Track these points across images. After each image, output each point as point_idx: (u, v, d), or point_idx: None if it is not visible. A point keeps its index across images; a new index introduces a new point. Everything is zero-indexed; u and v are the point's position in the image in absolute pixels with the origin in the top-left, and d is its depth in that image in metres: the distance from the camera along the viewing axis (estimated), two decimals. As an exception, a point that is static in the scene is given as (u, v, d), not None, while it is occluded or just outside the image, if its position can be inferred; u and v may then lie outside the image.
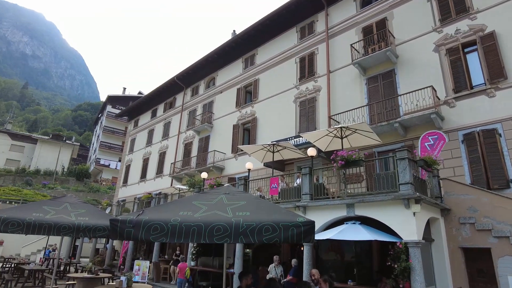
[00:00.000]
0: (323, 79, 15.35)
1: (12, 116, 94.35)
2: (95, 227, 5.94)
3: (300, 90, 16.16)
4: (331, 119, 13.95)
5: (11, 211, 6.25)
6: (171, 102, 26.71)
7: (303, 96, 15.91)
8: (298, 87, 16.35)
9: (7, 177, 45.68)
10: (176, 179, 21.74)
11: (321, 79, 15.49)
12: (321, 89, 15.27)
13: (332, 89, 14.79)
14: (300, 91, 16.15)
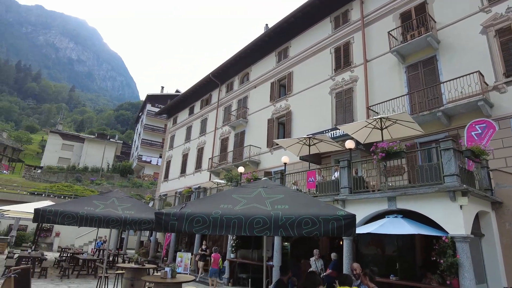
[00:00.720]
0: (359, 69, 14.89)
1: (62, 118, 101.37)
2: (140, 220, 6.27)
3: (336, 81, 15.81)
4: (369, 110, 13.52)
5: (65, 205, 6.77)
6: (207, 99, 27.28)
7: (339, 87, 15.55)
8: (334, 78, 16.00)
9: (60, 174, 49.33)
10: (214, 173, 22.25)
11: (357, 69, 15.04)
12: (358, 79, 14.83)
13: (370, 79, 14.31)
14: (336, 82, 15.80)
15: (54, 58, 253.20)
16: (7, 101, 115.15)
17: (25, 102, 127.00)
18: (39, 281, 10.94)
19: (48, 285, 10.60)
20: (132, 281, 8.42)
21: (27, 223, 24.16)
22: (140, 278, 8.25)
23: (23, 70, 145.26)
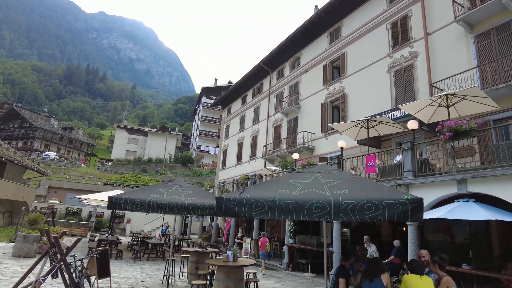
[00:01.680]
0: (420, 43, 13.75)
1: (127, 114, 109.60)
2: (202, 206, 6.58)
3: (394, 59, 14.81)
4: (433, 87, 12.48)
5: (134, 193, 7.35)
6: (258, 87, 27.41)
7: (398, 64, 14.55)
8: (392, 56, 15.00)
9: (128, 165, 53.68)
10: (269, 161, 22.46)
11: (417, 43, 13.89)
12: (419, 55, 13.72)
13: (432, 54, 13.15)
14: (394, 59, 14.80)
15: (116, 58, 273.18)
16: (80, 102, 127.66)
17: (94, 102, 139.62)
18: (116, 262, 12.13)
19: (123, 265, 11.71)
20: (196, 264, 8.94)
21: (103, 210, 26.82)
22: (203, 261, 8.72)
23: (92, 73, 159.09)
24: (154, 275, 10.13)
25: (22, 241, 11.46)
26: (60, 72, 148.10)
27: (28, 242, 11.51)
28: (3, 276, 8.28)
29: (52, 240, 5.78)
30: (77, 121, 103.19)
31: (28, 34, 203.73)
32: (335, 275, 4.81)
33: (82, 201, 19.06)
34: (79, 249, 13.89)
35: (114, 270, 9.75)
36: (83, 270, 6.04)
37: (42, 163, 41.85)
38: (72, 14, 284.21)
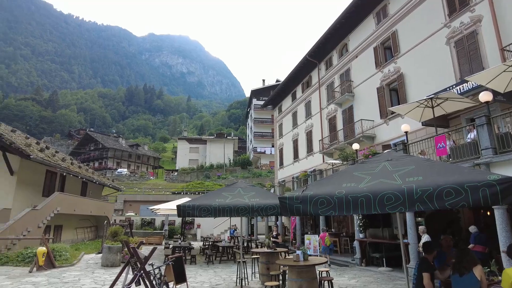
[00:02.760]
0: (482, 5, 12.27)
1: (185, 125, 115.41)
2: (266, 206, 6.56)
3: (453, 28, 13.43)
4: (505, 51, 11.05)
5: (200, 200, 7.60)
6: (307, 81, 26.90)
7: (458, 33, 13.16)
8: (449, 25, 13.63)
9: (192, 173, 56.34)
10: (327, 155, 21.87)
11: (479, 6, 12.42)
12: (482, 18, 12.26)
13: (499, 14, 11.65)
14: (453, 28, 13.42)
15: (169, 74, 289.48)
16: (143, 120, 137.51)
17: (155, 118, 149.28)
18: (190, 267, 12.72)
19: (198, 269, 12.22)
20: (267, 265, 8.96)
21: (174, 218, 28.44)
22: (274, 261, 8.71)
23: (149, 91, 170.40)
24: (227, 278, 10.39)
25: (108, 252, 12.57)
26: (121, 95, 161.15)
27: (113, 252, 12.59)
28: (96, 284, 9.14)
29: (131, 250, 6.19)
30: (142, 137, 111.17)
31: (92, 65, 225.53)
32: (417, 269, 4.42)
33: (154, 211, 20.41)
34: (156, 256, 14.83)
35: (190, 275, 10.20)
36: (161, 277, 6.39)
37: (116, 180, 45.77)
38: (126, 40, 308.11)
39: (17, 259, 12.30)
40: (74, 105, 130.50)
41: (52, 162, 17.01)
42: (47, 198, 16.54)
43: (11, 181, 15.20)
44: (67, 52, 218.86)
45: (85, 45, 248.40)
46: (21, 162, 15.29)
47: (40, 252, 11.32)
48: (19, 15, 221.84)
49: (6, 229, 13.00)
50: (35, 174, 17.02)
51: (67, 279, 9.86)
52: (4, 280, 9.55)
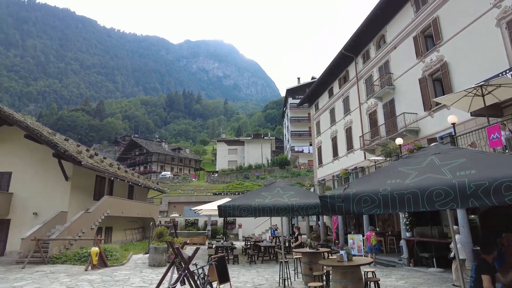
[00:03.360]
0: (539, -20, 11.17)
1: (223, 128, 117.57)
2: (307, 206, 6.45)
3: (504, 7, 12.35)
4: None
5: (240, 200, 7.65)
6: (344, 76, 26.19)
7: (510, 13, 12.09)
8: (499, 5, 12.55)
9: (231, 174, 57.20)
10: (368, 151, 21.13)
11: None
12: (540, -6, 11.16)
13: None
14: (504, 8, 12.34)
15: (206, 79, 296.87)
16: (183, 124, 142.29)
17: (195, 122, 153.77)
18: (233, 267, 12.87)
19: (240, 269, 12.33)
20: (310, 265, 8.81)
21: (216, 219, 29.00)
22: (317, 262, 8.54)
23: (188, 96, 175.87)
24: (270, 278, 10.38)
25: (154, 252, 13.10)
26: (162, 101, 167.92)
27: (159, 253, 13.10)
28: (144, 283, 9.55)
29: (176, 251, 6.38)
30: (183, 141, 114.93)
31: (133, 74, 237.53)
32: (475, 271, 4.08)
33: (197, 212, 20.96)
34: (200, 256, 15.20)
35: (233, 274, 10.32)
36: (205, 277, 6.51)
37: (160, 182, 47.64)
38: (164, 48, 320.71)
39: (74, 258, 13.22)
40: (119, 113, 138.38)
41: (101, 167, 18.09)
42: (97, 202, 17.61)
43: (66, 186, 16.37)
44: (110, 63, 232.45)
45: (127, 56, 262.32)
46: (74, 168, 16.42)
47: (93, 252, 12.06)
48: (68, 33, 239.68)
49: (64, 231, 14.03)
50: (86, 179, 18.19)
51: (118, 277, 10.40)
52: (64, 277, 10.31)
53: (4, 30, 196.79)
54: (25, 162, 16.60)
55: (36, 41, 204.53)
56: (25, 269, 11.79)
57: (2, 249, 15.47)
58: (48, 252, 13.27)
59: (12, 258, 14.22)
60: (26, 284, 9.27)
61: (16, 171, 16.50)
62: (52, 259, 13.18)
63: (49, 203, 15.92)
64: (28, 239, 13.27)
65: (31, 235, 13.41)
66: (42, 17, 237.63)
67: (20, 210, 16.04)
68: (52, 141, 15.45)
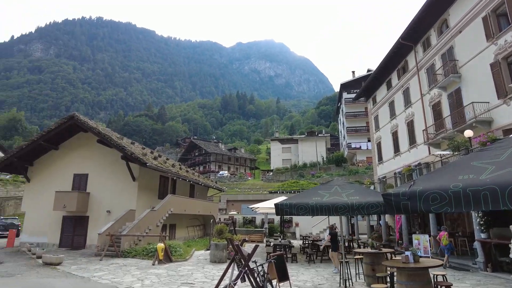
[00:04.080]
0: None
1: (276, 127, 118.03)
2: (368, 204, 6.19)
3: None
4: None
5: (297, 198, 7.61)
6: (403, 66, 24.63)
7: None
8: None
9: (286, 173, 57.19)
10: (433, 145, 19.62)
11: None
12: None
13: None
14: None
15: (259, 80, 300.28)
16: (238, 125, 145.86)
17: (249, 122, 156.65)
18: (292, 265, 12.83)
19: (299, 268, 12.25)
20: (372, 266, 8.45)
21: (273, 217, 29.20)
22: (379, 262, 8.16)
23: (241, 98, 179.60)
24: (330, 278, 10.16)
25: (215, 249, 13.59)
26: (218, 104, 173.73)
27: (219, 249, 13.56)
28: (206, 278, 9.96)
29: (235, 248, 6.54)
30: (238, 141, 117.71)
31: (190, 79, 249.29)
32: None
33: (254, 210, 21.31)
34: (258, 254, 15.41)
35: (292, 273, 10.29)
36: (265, 275, 6.58)
37: (219, 181, 49.27)
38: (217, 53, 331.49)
39: (142, 252, 14.27)
40: (179, 117, 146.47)
41: (164, 168, 19.25)
42: (162, 200, 18.77)
43: (134, 186, 17.72)
44: (169, 70, 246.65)
45: (183, 62, 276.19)
46: (140, 169, 17.71)
47: (159, 247, 12.89)
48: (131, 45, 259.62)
49: (133, 228, 15.21)
50: (151, 180, 19.49)
51: (182, 272, 10.99)
52: (135, 270, 11.19)
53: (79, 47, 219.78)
54: (98, 165, 18.32)
55: (104, 54, 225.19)
56: (102, 261, 13.01)
57: (83, 242, 17.27)
58: (120, 247, 14.49)
59: (91, 250, 15.81)
60: (104, 275, 10.23)
61: (91, 173, 18.30)
62: (124, 253, 14.36)
63: (120, 202, 17.37)
64: (103, 235, 14.62)
65: (105, 230, 14.75)
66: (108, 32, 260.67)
67: (96, 208, 17.76)
68: (120, 145, 16.84)
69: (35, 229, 18.04)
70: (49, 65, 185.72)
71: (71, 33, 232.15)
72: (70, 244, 17.32)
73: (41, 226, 17.91)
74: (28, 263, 12.64)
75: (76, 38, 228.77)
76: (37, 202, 18.36)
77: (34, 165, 19.17)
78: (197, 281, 9.55)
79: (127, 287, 8.66)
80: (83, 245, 17.17)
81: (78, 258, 13.84)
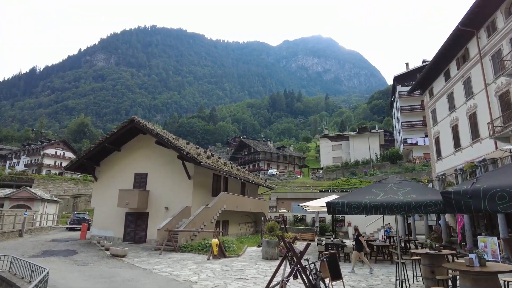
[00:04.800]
0: None
1: (326, 124, 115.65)
2: (425, 203, 5.89)
3: None
4: None
5: (349, 197, 7.47)
6: (463, 55, 22.72)
7: None
8: None
9: (337, 171, 55.84)
10: (501, 139, 17.86)
11: None
12: None
13: None
14: None
15: (306, 76, 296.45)
16: (286, 123, 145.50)
17: (297, 120, 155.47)
18: (345, 265, 12.57)
19: (353, 268, 11.97)
20: (431, 268, 7.98)
21: (324, 216, 28.77)
22: (439, 265, 7.69)
23: (289, 96, 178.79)
24: (385, 279, 9.81)
25: (266, 246, 13.79)
26: (265, 103, 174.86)
27: (271, 246, 13.73)
28: (259, 274, 10.18)
29: (287, 245, 6.62)
30: (287, 139, 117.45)
31: (239, 80, 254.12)
32: None
33: (304, 208, 21.19)
34: (310, 252, 15.31)
35: (345, 272, 10.10)
36: (317, 273, 6.57)
37: (268, 180, 49.66)
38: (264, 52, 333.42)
39: (198, 247, 14.95)
40: (228, 117, 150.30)
41: (217, 166, 19.94)
42: (215, 198, 19.47)
43: (189, 184, 18.60)
44: (218, 72, 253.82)
45: (232, 63, 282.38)
46: (195, 168, 18.53)
47: (214, 243, 13.42)
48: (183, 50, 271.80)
49: (189, 223, 16.00)
50: (205, 178, 20.30)
51: (236, 268, 11.34)
52: (191, 264, 11.79)
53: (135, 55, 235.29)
54: (156, 164, 19.53)
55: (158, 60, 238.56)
56: (161, 255, 13.89)
57: (144, 236, 18.55)
58: (178, 242, 15.33)
59: (151, 245, 16.93)
60: (163, 268, 10.93)
61: (150, 172, 19.57)
62: (181, 247, 15.17)
63: (176, 199, 18.36)
64: (162, 230, 15.58)
65: (164, 226, 15.70)
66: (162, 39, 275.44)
67: (154, 205, 18.96)
68: (176, 145, 17.79)
69: (103, 224, 19.79)
70: (110, 73, 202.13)
71: (128, 42, 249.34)
72: (132, 238, 18.71)
73: (107, 221, 19.61)
74: (98, 254, 13.94)
75: (133, 46, 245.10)
76: (103, 199, 20.11)
77: (100, 165, 21.01)
78: (250, 277, 9.80)
79: (184, 280, 9.17)
80: (144, 240, 18.44)
81: (140, 251, 14.92)
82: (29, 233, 22.25)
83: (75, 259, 12.44)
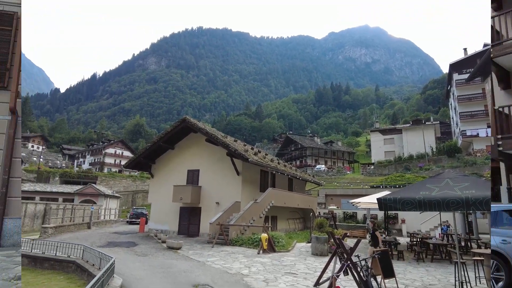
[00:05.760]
0: None
1: (376, 117, 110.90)
2: (487, 199, 5.54)
3: None
4: None
5: (401, 192, 7.24)
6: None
7: None
8: None
9: (390, 166, 53.48)
10: None
11: None
12: None
13: None
14: None
15: (354, 68, 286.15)
16: (333, 117, 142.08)
17: (345, 114, 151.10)
18: (398, 263, 12.10)
19: (406, 266, 11.49)
20: (497, 269, 7.44)
21: (376, 212, 27.76)
22: (506, 265, 7.14)
23: (336, 89, 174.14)
24: (443, 279, 9.32)
25: (316, 242, 13.75)
26: (311, 98, 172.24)
27: (320, 242, 13.68)
28: (309, 270, 10.23)
29: (337, 241, 6.62)
30: (334, 134, 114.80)
31: (284, 76, 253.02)
32: None
33: (354, 205, 20.69)
34: (361, 249, 14.94)
35: (398, 271, 9.77)
36: (368, 270, 6.48)
37: (316, 175, 49.09)
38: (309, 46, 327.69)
39: (248, 242, 15.35)
40: (274, 113, 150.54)
41: (264, 163, 20.23)
42: (263, 193, 19.77)
43: (238, 180, 19.11)
44: (263, 69, 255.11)
45: (276, 59, 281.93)
46: (243, 164, 18.98)
47: (263, 238, 13.69)
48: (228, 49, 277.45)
49: (239, 218, 16.47)
50: (253, 174, 20.70)
51: (285, 262, 11.49)
52: (242, 257, 12.17)
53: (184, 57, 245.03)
54: (207, 161, 20.34)
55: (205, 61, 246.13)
56: (214, 248, 14.48)
57: (197, 230, 19.45)
58: (229, 236, 15.87)
59: (204, 238, 17.72)
60: (216, 260, 11.43)
61: (202, 168, 20.43)
62: (232, 241, 15.68)
63: (226, 194, 18.97)
64: (214, 224, 16.22)
65: (215, 220, 16.33)
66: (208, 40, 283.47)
67: (206, 200, 19.78)
68: (225, 142, 18.38)
69: (159, 218, 21.10)
70: (161, 76, 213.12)
71: (177, 45, 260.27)
72: (186, 232, 19.72)
73: (163, 215, 20.88)
74: (155, 246, 14.94)
75: (182, 48, 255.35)
76: (159, 194, 21.42)
77: (156, 163, 22.39)
78: (300, 272, 9.89)
79: (236, 273, 9.52)
80: (197, 233, 19.34)
81: (194, 244, 15.70)
82: (95, 226, 24.46)
83: (135, 250, 13.48)
